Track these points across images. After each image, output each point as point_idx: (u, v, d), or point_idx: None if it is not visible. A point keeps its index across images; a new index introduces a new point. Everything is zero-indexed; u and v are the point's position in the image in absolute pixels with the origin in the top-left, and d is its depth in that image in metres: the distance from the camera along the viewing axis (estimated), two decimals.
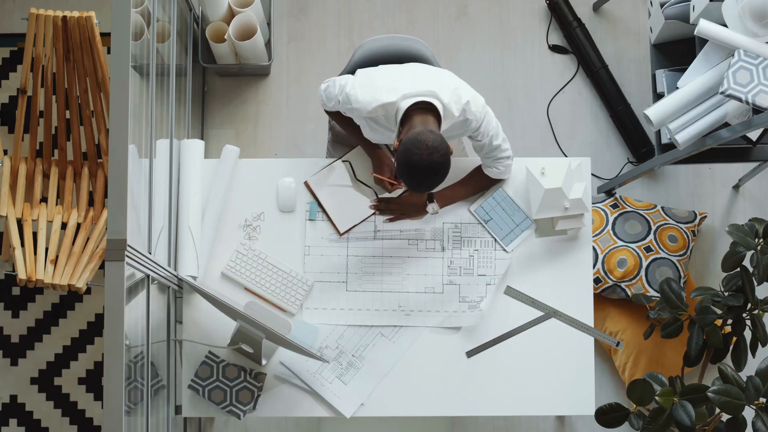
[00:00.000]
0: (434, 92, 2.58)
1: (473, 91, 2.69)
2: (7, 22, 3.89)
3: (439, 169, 2.45)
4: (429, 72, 2.68)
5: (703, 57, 3.00)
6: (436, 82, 2.62)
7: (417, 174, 2.45)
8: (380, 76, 2.67)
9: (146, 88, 2.76)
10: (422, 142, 2.43)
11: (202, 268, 2.97)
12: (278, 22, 3.89)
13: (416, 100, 2.57)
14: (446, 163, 2.46)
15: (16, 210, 3.32)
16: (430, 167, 2.44)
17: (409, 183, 2.49)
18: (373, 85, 2.65)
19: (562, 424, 3.70)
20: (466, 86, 2.68)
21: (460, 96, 2.62)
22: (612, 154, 3.83)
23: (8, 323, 3.72)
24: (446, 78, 2.66)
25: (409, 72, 2.67)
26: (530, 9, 3.90)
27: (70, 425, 3.69)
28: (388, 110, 2.62)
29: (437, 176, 2.47)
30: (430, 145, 2.43)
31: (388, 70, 2.70)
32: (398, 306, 2.98)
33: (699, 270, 3.76)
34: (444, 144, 2.46)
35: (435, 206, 2.91)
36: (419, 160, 2.43)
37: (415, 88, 2.59)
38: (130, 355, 2.45)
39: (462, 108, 2.62)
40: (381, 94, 2.61)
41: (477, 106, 2.66)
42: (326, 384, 2.94)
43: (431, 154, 2.43)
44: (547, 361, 2.96)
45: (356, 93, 2.65)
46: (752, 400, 2.60)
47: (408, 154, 2.44)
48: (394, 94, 2.60)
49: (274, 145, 3.83)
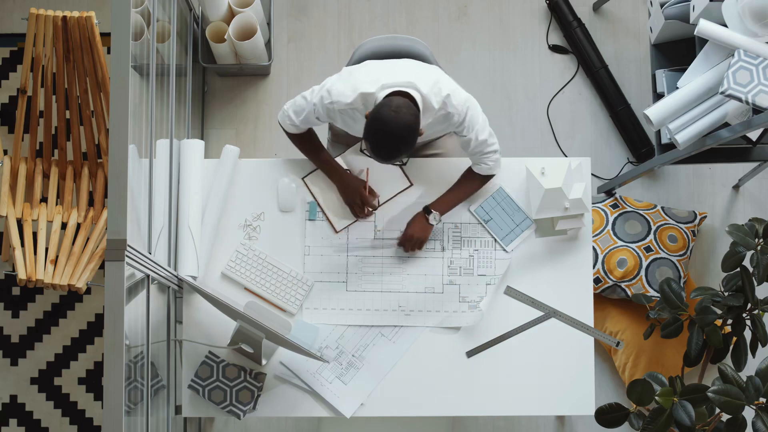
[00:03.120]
0: (413, 83, 2.60)
1: (456, 86, 2.70)
2: (7, 22, 3.89)
3: (405, 130, 2.47)
4: (413, 65, 2.69)
5: (703, 57, 3.00)
6: (417, 74, 2.63)
7: (383, 131, 2.46)
8: (362, 70, 2.69)
9: (146, 88, 2.76)
10: (391, 101, 2.50)
11: (202, 268, 2.97)
12: (278, 22, 3.89)
13: (394, 89, 2.58)
14: (412, 125, 2.47)
15: (16, 210, 3.32)
16: (395, 124, 2.46)
17: (375, 143, 2.50)
18: (353, 77, 2.67)
19: (562, 424, 3.70)
20: (449, 81, 2.69)
21: (440, 89, 2.64)
22: (612, 154, 3.83)
23: (8, 323, 3.72)
24: (430, 72, 2.67)
25: (391, 65, 2.69)
26: (530, 9, 3.90)
27: (70, 425, 3.69)
28: (368, 101, 2.63)
29: (403, 138, 2.47)
30: (397, 104, 2.48)
31: (371, 64, 2.72)
32: (398, 306, 2.98)
33: (699, 270, 3.76)
34: (413, 108, 2.49)
35: (435, 215, 2.92)
36: (386, 116, 2.46)
37: (393, 79, 2.61)
38: (130, 355, 2.45)
39: (442, 101, 2.63)
40: (361, 85, 2.64)
41: (458, 99, 2.66)
42: (326, 384, 2.94)
43: (398, 111, 2.46)
44: (547, 361, 2.96)
45: (337, 86, 2.68)
46: (752, 400, 2.60)
47: (375, 113, 2.49)
48: (373, 85, 2.61)
49: (274, 145, 3.83)
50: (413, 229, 2.94)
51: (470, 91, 3.80)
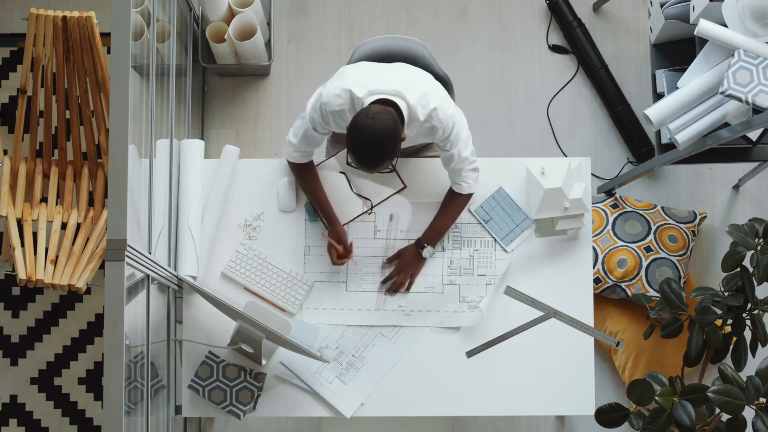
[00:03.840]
0: (400, 92, 2.59)
1: (445, 100, 2.67)
2: (7, 22, 3.89)
3: (383, 137, 2.45)
4: (405, 73, 2.68)
5: (703, 57, 3.00)
6: (407, 83, 2.62)
7: (361, 139, 2.45)
8: (353, 70, 2.68)
9: (146, 88, 2.76)
10: (368, 108, 2.49)
11: (202, 268, 2.97)
12: (278, 22, 3.89)
13: (380, 97, 2.58)
14: (390, 130, 2.46)
15: (16, 210, 3.32)
16: (372, 131, 2.44)
17: (355, 152, 2.48)
18: (343, 76, 2.67)
19: (562, 424, 3.70)
20: (438, 94, 2.66)
21: (428, 101, 2.62)
22: (612, 154, 3.83)
23: (8, 323, 3.72)
24: (420, 81, 2.66)
25: (382, 70, 2.68)
26: (530, 9, 3.90)
27: (70, 425, 3.69)
28: (355, 104, 2.62)
29: (381, 145, 2.45)
30: (374, 111, 2.47)
31: (363, 65, 2.71)
32: (398, 306, 2.98)
33: (699, 270, 3.76)
34: (391, 113, 2.48)
35: (429, 249, 2.92)
36: (363, 123, 2.45)
37: (381, 86, 2.60)
38: (130, 355, 2.45)
39: (428, 113, 2.62)
40: (349, 83, 2.63)
41: (445, 113, 2.64)
42: (326, 384, 2.94)
43: (375, 117, 2.45)
44: (547, 360, 2.96)
45: (328, 87, 2.67)
46: (752, 400, 2.60)
47: (352, 122, 2.48)
48: (361, 90, 2.60)
49: (274, 145, 3.83)
50: (405, 262, 2.94)
51: (470, 91, 3.83)
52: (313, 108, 2.71)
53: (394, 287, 2.95)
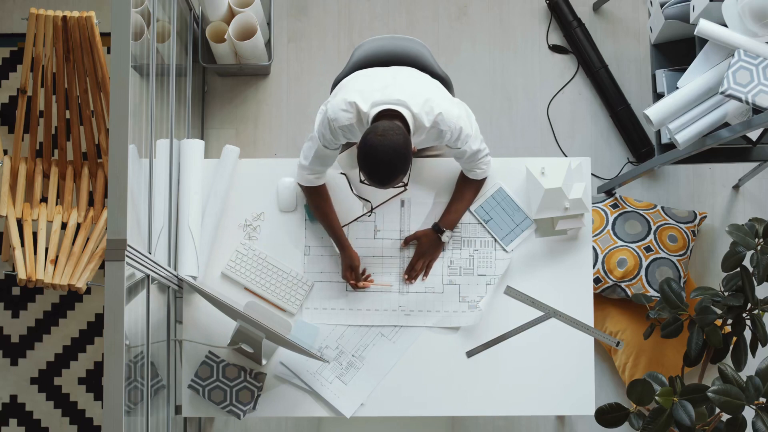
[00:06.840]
0: (404, 102, 2.58)
1: (449, 103, 2.67)
2: (7, 22, 3.89)
3: (394, 153, 2.45)
4: (405, 80, 2.67)
5: (703, 57, 3.00)
6: (409, 91, 2.61)
7: (373, 156, 2.45)
8: (352, 82, 2.68)
9: (146, 88, 2.76)
10: (377, 126, 2.48)
11: (202, 268, 2.97)
12: (278, 22, 3.89)
13: (384, 107, 2.57)
14: (401, 146, 2.45)
15: (16, 210, 3.32)
16: (383, 148, 2.44)
17: (367, 170, 2.48)
18: (344, 90, 2.67)
19: (562, 424, 3.70)
20: (442, 97, 2.66)
21: (432, 107, 2.62)
22: (612, 154, 3.83)
23: (8, 323, 3.72)
24: (420, 87, 2.65)
25: (381, 78, 2.67)
26: (530, 9, 3.90)
27: (70, 425, 3.69)
28: (361, 117, 2.62)
29: (392, 162, 2.45)
30: (383, 128, 2.46)
31: (360, 76, 2.71)
32: (398, 306, 2.98)
33: (699, 270, 3.76)
34: (400, 128, 2.47)
35: (448, 233, 2.92)
36: (373, 141, 2.45)
37: (384, 97, 2.59)
38: (130, 355, 2.45)
39: (434, 119, 2.62)
40: (351, 96, 2.62)
41: (450, 117, 2.64)
42: (326, 384, 2.94)
43: (384, 134, 2.45)
44: (548, 360, 2.96)
45: (332, 103, 2.67)
46: (752, 400, 2.60)
47: (362, 140, 2.48)
48: (364, 101, 2.60)
49: (274, 145, 3.83)
50: (424, 248, 2.95)
51: (470, 91, 3.83)
52: (322, 125, 2.70)
53: (414, 274, 2.96)
